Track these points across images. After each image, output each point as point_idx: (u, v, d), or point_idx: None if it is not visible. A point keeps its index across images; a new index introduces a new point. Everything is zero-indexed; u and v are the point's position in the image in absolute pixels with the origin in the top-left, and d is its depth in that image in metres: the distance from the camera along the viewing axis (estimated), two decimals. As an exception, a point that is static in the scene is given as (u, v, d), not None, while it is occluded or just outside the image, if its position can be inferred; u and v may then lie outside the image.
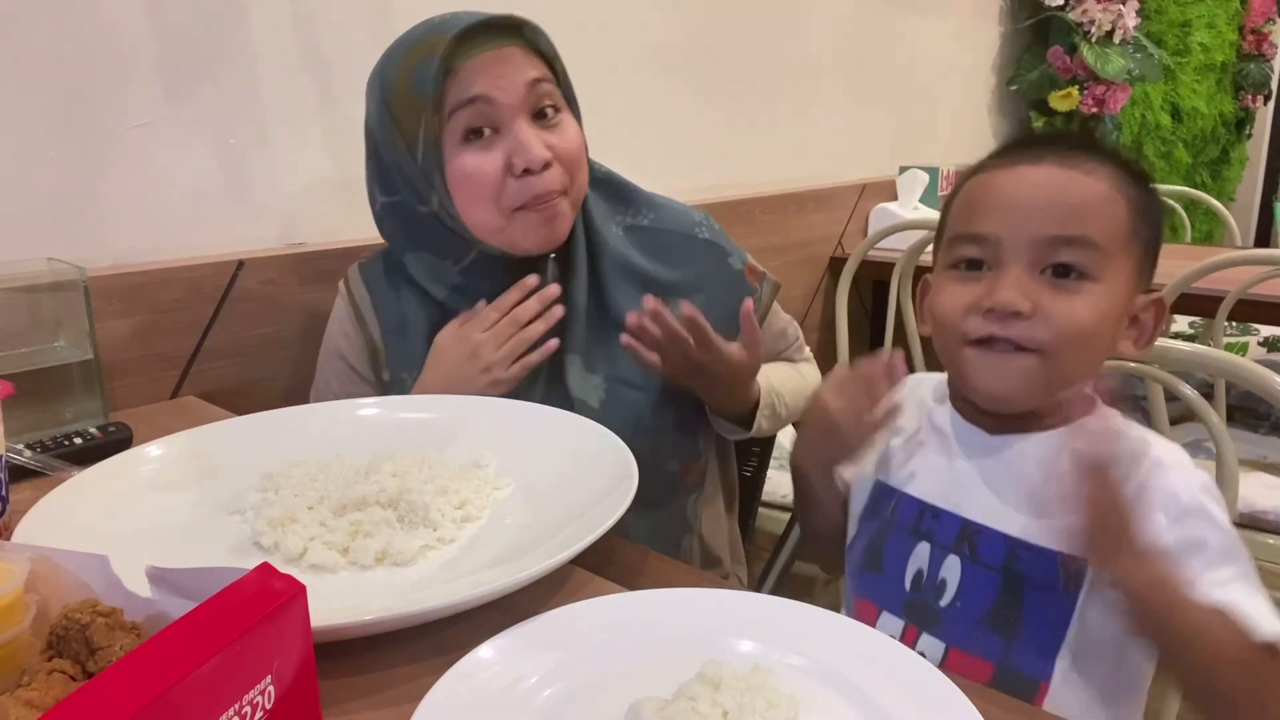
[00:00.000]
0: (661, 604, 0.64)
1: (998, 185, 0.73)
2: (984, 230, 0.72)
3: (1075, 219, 0.70)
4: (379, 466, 0.83)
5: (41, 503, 0.72)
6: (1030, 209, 0.71)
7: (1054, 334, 0.69)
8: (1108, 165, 0.73)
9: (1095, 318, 0.70)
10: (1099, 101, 2.90)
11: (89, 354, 1.05)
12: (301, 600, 0.45)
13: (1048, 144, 0.75)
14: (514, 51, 0.97)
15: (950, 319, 0.74)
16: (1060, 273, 0.70)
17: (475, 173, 0.97)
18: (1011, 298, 0.69)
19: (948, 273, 0.76)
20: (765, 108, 2.17)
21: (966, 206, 0.75)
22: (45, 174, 1.13)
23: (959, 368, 0.75)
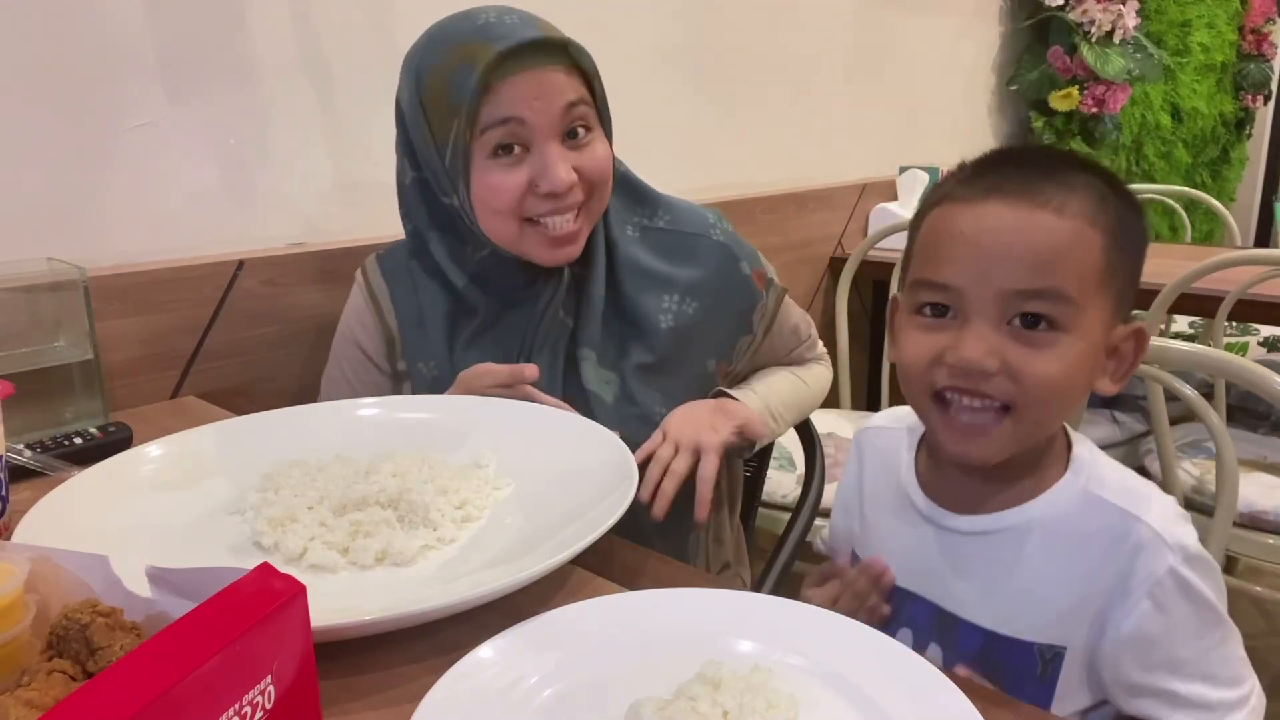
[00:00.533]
0: (661, 604, 0.64)
1: (961, 228, 0.68)
2: (947, 280, 0.68)
3: (1043, 270, 0.65)
4: (379, 466, 0.83)
5: (41, 503, 0.72)
6: (995, 259, 0.66)
7: (1025, 391, 0.66)
8: (1083, 192, 0.67)
9: (1066, 371, 0.66)
10: (1099, 101, 2.90)
11: (89, 354, 1.05)
12: (301, 600, 0.45)
13: (1018, 167, 0.69)
14: (555, 73, 0.97)
15: (915, 370, 0.70)
16: (1029, 323, 0.66)
17: (499, 188, 0.98)
18: (976, 356, 0.66)
19: (912, 318, 0.72)
20: (765, 108, 2.17)
21: (930, 246, 0.71)
22: (45, 174, 1.13)
23: (927, 423, 0.74)
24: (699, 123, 2.01)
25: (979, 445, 0.69)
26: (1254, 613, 2.15)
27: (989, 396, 0.67)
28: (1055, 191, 0.66)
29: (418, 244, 1.09)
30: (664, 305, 1.07)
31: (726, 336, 1.11)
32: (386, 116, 1.08)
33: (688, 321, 1.07)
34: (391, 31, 1.42)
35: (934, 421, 0.72)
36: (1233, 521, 1.21)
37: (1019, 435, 0.69)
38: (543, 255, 1.02)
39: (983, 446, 0.69)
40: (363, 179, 1.43)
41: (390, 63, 1.08)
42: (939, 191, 0.72)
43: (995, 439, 0.69)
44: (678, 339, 1.07)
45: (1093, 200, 0.67)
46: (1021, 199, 0.66)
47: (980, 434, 0.69)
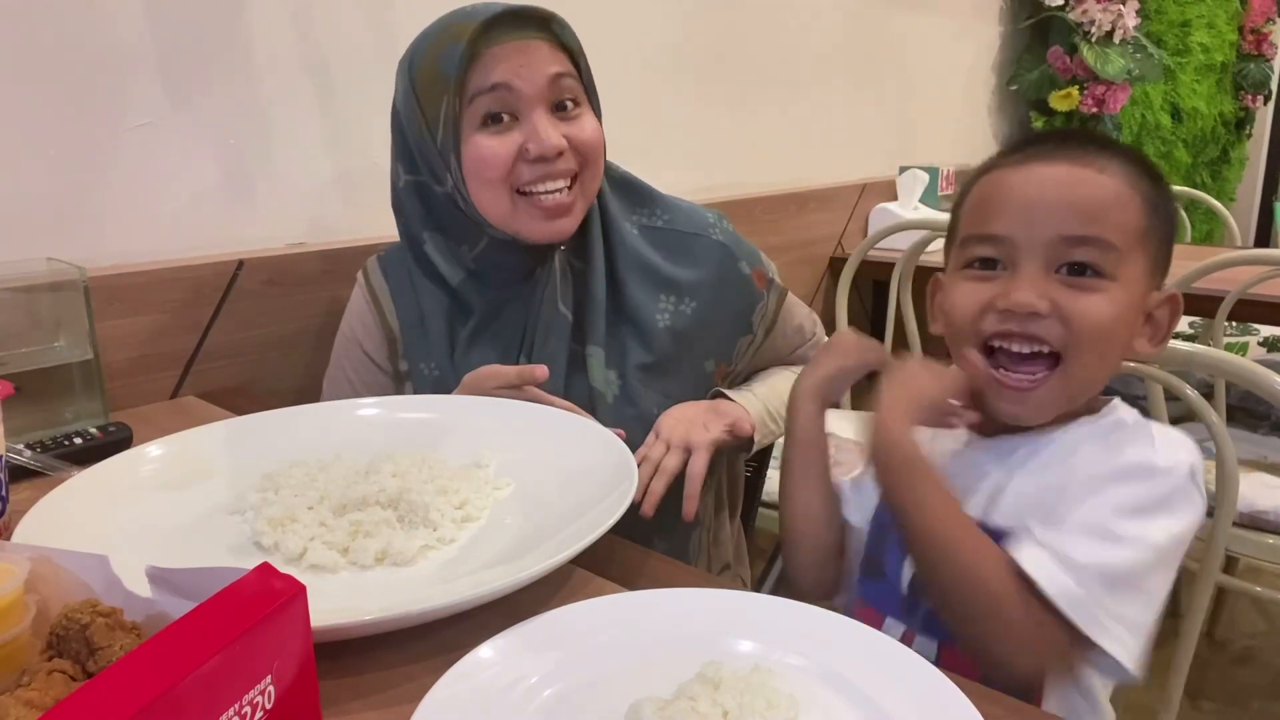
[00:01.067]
0: (661, 604, 0.64)
1: (1011, 184, 0.73)
2: (998, 230, 0.72)
3: (1090, 218, 0.69)
4: (379, 466, 0.83)
5: (41, 503, 0.72)
6: (1045, 208, 0.70)
7: (1072, 333, 0.69)
8: (1120, 162, 0.72)
9: (1112, 315, 0.70)
10: (1099, 101, 2.90)
11: (89, 354, 1.05)
12: (301, 600, 0.45)
13: (1059, 141, 0.74)
14: (539, 44, 0.99)
15: (965, 318, 0.73)
16: (1076, 271, 0.70)
17: (489, 155, 0.99)
18: (1028, 298, 0.69)
19: (961, 272, 0.75)
20: (765, 107, 2.17)
21: (979, 206, 0.75)
22: (45, 174, 1.13)
23: (980, 383, 0.75)
24: (699, 123, 2.01)
25: (1030, 403, 0.72)
26: (1254, 613, 2.15)
27: (1039, 339, 0.70)
28: (1098, 158, 0.71)
29: (414, 249, 1.09)
30: (661, 305, 1.07)
31: (725, 337, 1.11)
32: (386, 116, 1.08)
33: (686, 322, 1.07)
34: (391, 31, 1.42)
35: (985, 379, 0.74)
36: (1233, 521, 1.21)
37: (1068, 387, 0.71)
38: (536, 230, 1.02)
39: (1034, 404, 0.72)
40: (363, 179, 1.43)
41: (390, 63, 1.08)
42: (980, 168, 0.77)
43: (1045, 395, 0.71)
44: (675, 339, 1.06)
45: (1131, 169, 0.72)
46: (1068, 162, 0.71)
47: (1030, 390, 0.71)
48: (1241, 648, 2.04)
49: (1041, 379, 0.71)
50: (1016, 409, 0.73)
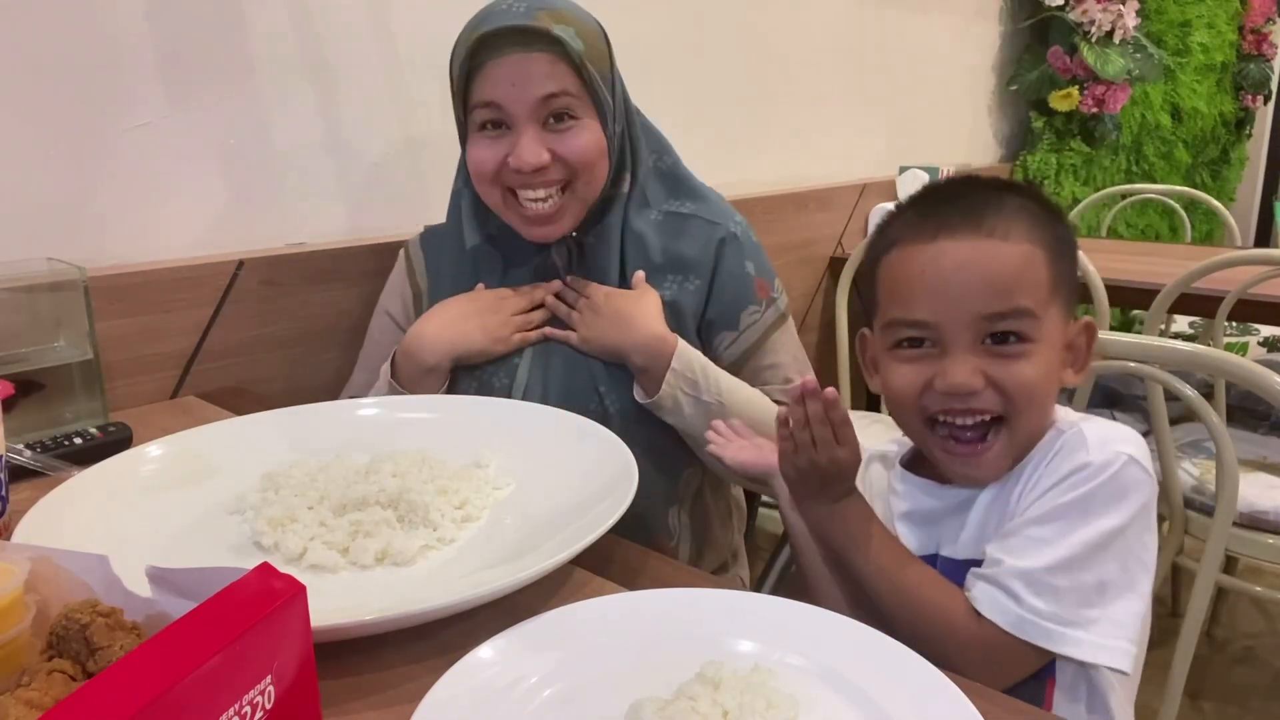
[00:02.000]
0: (661, 604, 0.64)
1: (923, 268, 0.75)
2: (921, 316, 0.75)
3: (1005, 293, 0.73)
4: (379, 466, 0.83)
5: (41, 503, 0.72)
6: (961, 292, 0.73)
7: (1009, 400, 0.73)
8: (1019, 216, 0.74)
9: (1042, 372, 0.74)
10: (1099, 101, 2.90)
11: (89, 354, 1.05)
12: (301, 600, 0.45)
13: (953, 203, 0.76)
14: (537, 62, 1.01)
15: (907, 399, 0.77)
16: (1000, 340, 0.74)
17: (479, 159, 1.05)
18: (963, 378, 0.73)
19: (892, 353, 0.78)
20: (765, 107, 2.17)
21: (897, 289, 0.77)
22: (45, 174, 1.13)
23: (928, 449, 0.80)
24: (699, 123, 2.01)
25: (981, 466, 0.76)
26: (1254, 613, 2.15)
27: (980, 411, 0.75)
28: (997, 220, 0.74)
29: (453, 204, 1.16)
30: (667, 283, 1.11)
31: (714, 328, 1.13)
32: (386, 116, 1.09)
33: (689, 298, 1.10)
34: (391, 31, 1.42)
35: (933, 446, 0.79)
36: (1233, 521, 1.21)
37: (1014, 443, 0.76)
38: (523, 232, 1.09)
39: (985, 466, 0.76)
40: (363, 179, 1.43)
41: (390, 62, 1.08)
42: (886, 237, 0.80)
43: (994, 455, 0.76)
44: (675, 314, 1.09)
45: (1030, 221, 0.75)
46: (970, 232, 0.74)
47: (980, 455, 0.76)
48: (1241, 648, 2.04)
49: (990, 443, 0.75)
50: (971, 472, 0.77)
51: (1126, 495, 0.71)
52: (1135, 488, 0.71)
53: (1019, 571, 0.70)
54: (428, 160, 1.48)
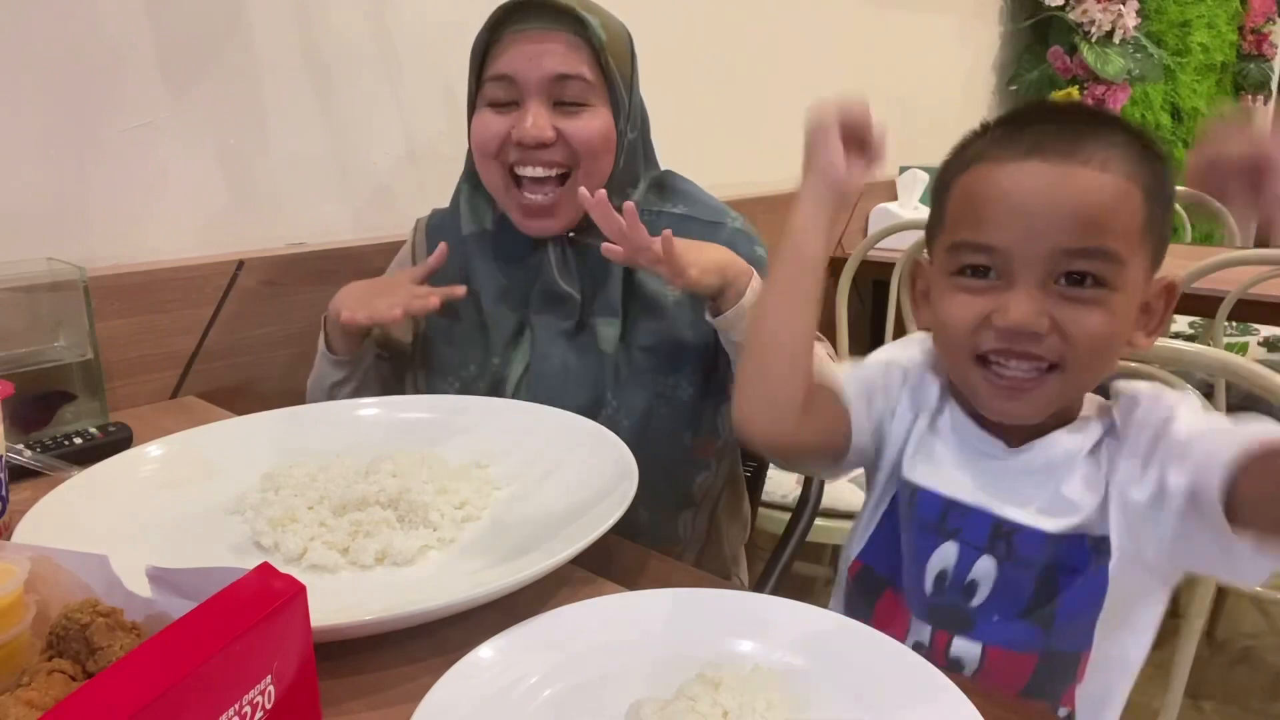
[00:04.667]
0: (661, 604, 0.64)
1: (1003, 187, 0.67)
2: (992, 241, 0.67)
3: (1091, 229, 0.65)
4: (379, 466, 0.83)
5: (41, 503, 0.72)
6: (1043, 218, 0.65)
7: (1072, 348, 0.66)
8: (1121, 149, 0.67)
9: (1113, 329, 0.67)
10: (1099, 101, 2.90)
11: (89, 354, 1.05)
12: (301, 600, 0.45)
13: (1054, 123, 0.69)
14: (556, 39, 1.00)
15: (959, 332, 0.70)
16: (1075, 281, 0.66)
17: (484, 129, 1.04)
18: (1027, 318, 0.66)
19: (951, 279, 0.71)
20: (765, 107, 2.17)
21: (969, 206, 0.70)
22: (45, 174, 1.13)
23: (970, 386, 0.72)
24: (698, 122, 2.01)
25: (1022, 404, 0.69)
26: (1254, 613, 2.15)
27: (1038, 358, 0.67)
28: (1096, 149, 0.66)
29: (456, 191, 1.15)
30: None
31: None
32: (386, 116, 1.09)
33: (695, 297, 1.05)
34: (391, 31, 1.42)
35: (976, 382, 0.71)
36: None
37: (1065, 393, 0.69)
38: (519, 223, 1.07)
39: (1026, 405, 0.69)
40: (363, 179, 1.43)
41: (390, 62, 1.08)
42: (969, 152, 0.72)
43: (1039, 397, 0.69)
44: (682, 311, 1.07)
45: (1132, 156, 0.67)
46: (1063, 157, 0.66)
47: (1025, 391, 0.68)
48: (1241, 648, 2.04)
49: (1038, 379, 0.68)
50: (1010, 405, 0.70)
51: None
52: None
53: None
54: (428, 160, 1.48)
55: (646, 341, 1.07)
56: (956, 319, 0.70)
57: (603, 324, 1.07)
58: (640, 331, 1.07)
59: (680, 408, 1.07)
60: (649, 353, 1.07)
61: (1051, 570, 0.72)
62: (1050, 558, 0.71)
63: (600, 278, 1.08)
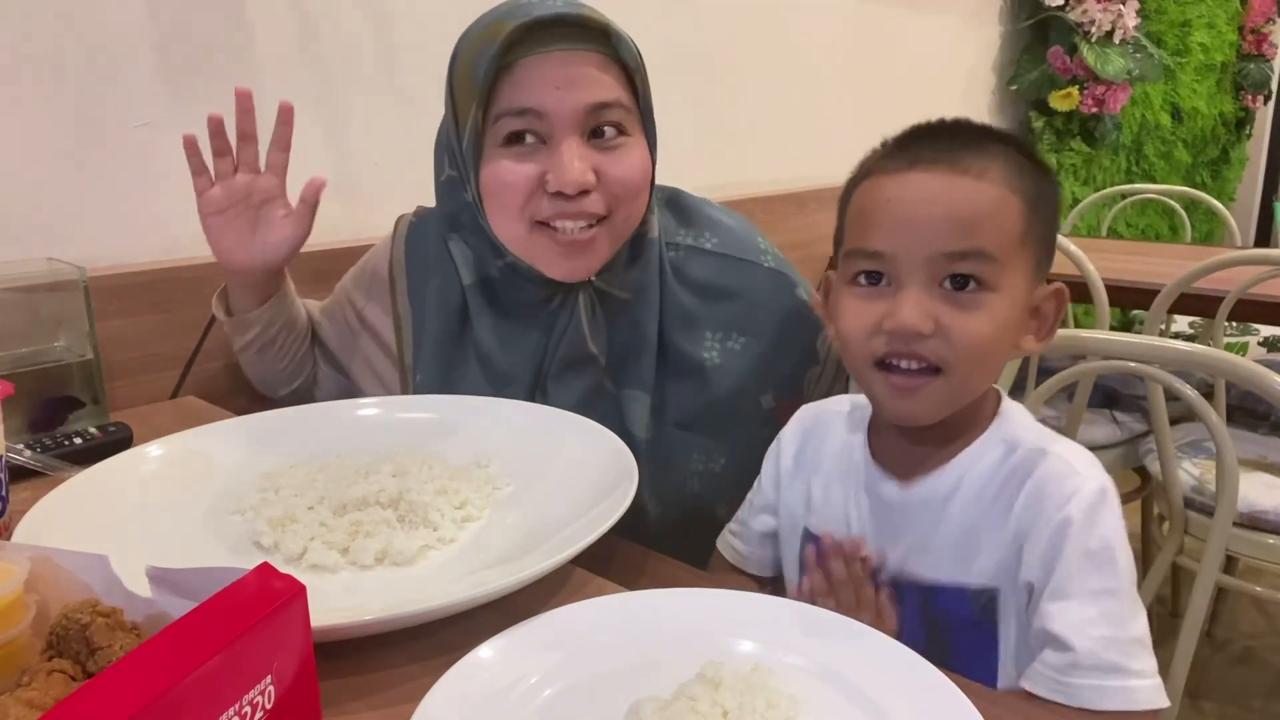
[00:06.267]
0: (661, 604, 0.64)
1: (888, 197, 0.72)
2: (879, 247, 0.71)
3: (968, 232, 0.68)
4: (379, 466, 0.83)
5: (41, 503, 0.72)
6: (923, 224, 0.69)
7: (956, 350, 0.69)
8: (1001, 162, 0.71)
9: (995, 330, 0.70)
10: (1099, 101, 2.90)
11: (89, 354, 1.05)
12: (301, 600, 0.45)
13: (940, 139, 0.73)
14: (586, 61, 0.86)
15: (855, 339, 0.73)
16: (958, 284, 0.70)
17: (507, 179, 0.88)
18: (912, 320, 0.69)
19: (848, 288, 0.75)
20: (765, 107, 2.17)
21: (860, 217, 0.74)
22: (45, 174, 1.13)
23: (868, 388, 0.76)
24: (699, 122, 2.01)
25: (914, 403, 0.72)
26: (1254, 613, 2.15)
27: (923, 358, 0.70)
28: (974, 160, 0.70)
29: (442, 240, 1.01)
30: (706, 343, 0.97)
31: (790, 370, 1.00)
32: (386, 117, 1.08)
33: (737, 360, 0.97)
34: (391, 32, 1.42)
35: (874, 385, 0.74)
36: (1233, 521, 1.21)
37: (951, 393, 0.72)
38: (552, 266, 0.91)
39: (917, 404, 0.72)
40: (363, 179, 1.43)
41: (390, 63, 1.08)
42: (863, 168, 0.77)
43: (929, 397, 0.72)
44: (725, 378, 0.97)
45: (1010, 168, 0.71)
46: (944, 167, 0.70)
47: (915, 391, 0.71)
48: (1241, 648, 2.04)
49: (926, 380, 0.71)
50: (904, 405, 0.73)
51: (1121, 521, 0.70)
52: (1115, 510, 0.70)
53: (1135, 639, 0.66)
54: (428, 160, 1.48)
55: (681, 415, 0.96)
56: (853, 326, 0.73)
57: (630, 398, 0.94)
58: (673, 404, 0.96)
59: (714, 480, 0.97)
60: (684, 429, 0.96)
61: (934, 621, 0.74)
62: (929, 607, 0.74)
63: (631, 340, 0.95)
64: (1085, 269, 1.76)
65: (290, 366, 1.12)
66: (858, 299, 0.73)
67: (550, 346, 0.96)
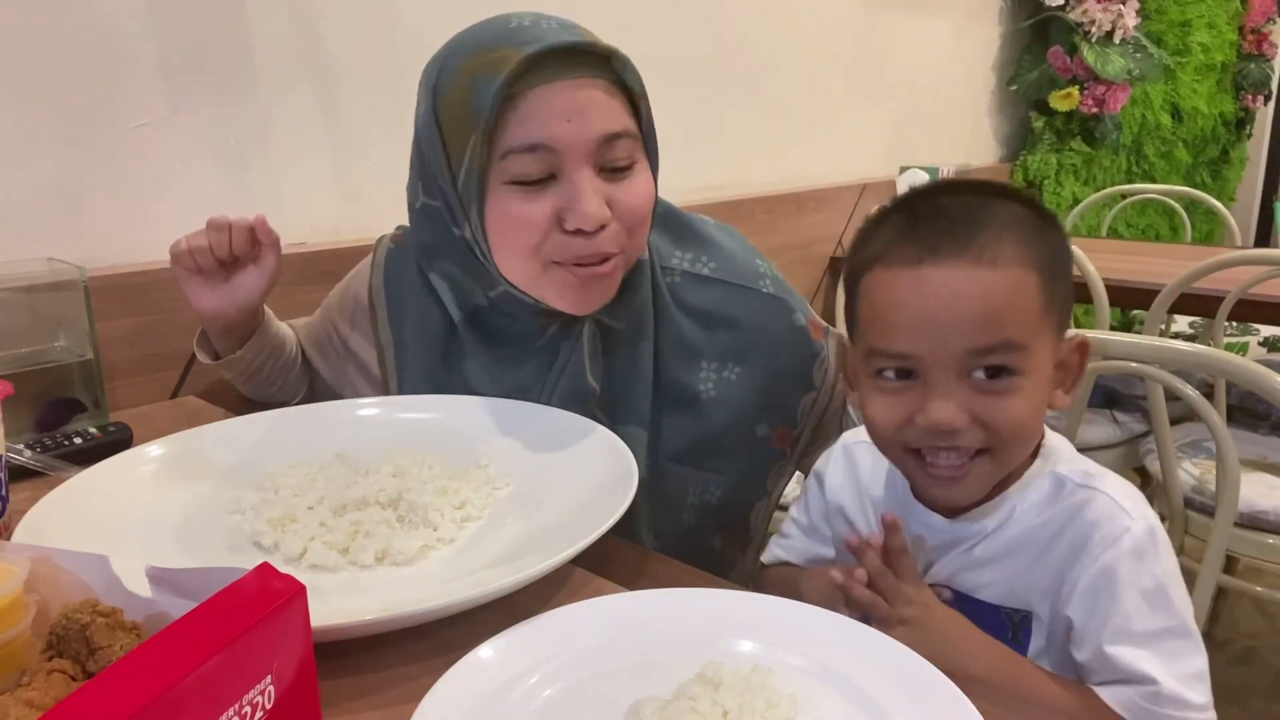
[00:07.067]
0: (661, 604, 0.64)
1: (905, 297, 0.70)
2: (903, 349, 0.70)
3: (993, 326, 0.68)
4: (379, 466, 0.83)
5: (41, 503, 0.72)
6: (945, 325, 0.68)
7: (995, 436, 0.69)
8: (1010, 232, 0.69)
9: (1031, 408, 0.70)
10: (1099, 101, 2.90)
11: (89, 354, 1.05)
12: (301, 600, 0.45)
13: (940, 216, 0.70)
14: (594, 92, 0.83)
15: (886, 432, 0.73)
16: (990, 374, 0.69)
17: (519, 220, 0.84)
18: (945, 418, 0.68)
19: (874, 382, 0.73)
20: (765, 107, 2.17)
21: (875, 315, 0.72)
22: (45, 174, 1.13)
23: (907, 473, 0.76)
24: (699, 122, 2.01)
25: (960, 489, 0.72)
26: (1254, 613, 2.15)
27: (964, 449, 0.70)
28: (988, 241, 0.68)
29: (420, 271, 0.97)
30: (702, 374, 0.95)
31: (786, 397, 0.98)
32: (387, 117, 1.08)
33: (731, 389, 0.95)
34: (392, 32, 1.42)
35: (911, 471, 0.75)
36: (1233, 522, 1.21)
37: (996, 470, 0.72)
38: (565, 300, 0.88)
39: (963, 489, 0.72)
40: (363, 179, 1.43)
41: (390, 63, 1.08)
42: (869, 249, 0.73)
43: (974, 480, 0.72)
44: (721, 410, 0.95)
45: (1020, 237, 0.69)
46: (956, 257, 0.68)
47: (958, 479, 0.72)
48: (1241, 648, 2.04)
49: (968, 465, 0.71)
50: (947, 492, 0.73)
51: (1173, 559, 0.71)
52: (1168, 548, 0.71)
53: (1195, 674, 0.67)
54: (428, 160, 1.48)
55: (676, 448, 0.94)
56: (883, 421, 0.73)
57: (625, 435, 0.89)
58: (669, 439, 0.94)
59: (710, 512, 0.96)
60: (679, 462, 0.95)
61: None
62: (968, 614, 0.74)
63: (628, 373, 0.93)
64: (1085, 269, 1.76)
65: (282, 390, 1.12)
66: (885, 394, 0.73)
67: (549, 380, 0.93)
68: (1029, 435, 0.72)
